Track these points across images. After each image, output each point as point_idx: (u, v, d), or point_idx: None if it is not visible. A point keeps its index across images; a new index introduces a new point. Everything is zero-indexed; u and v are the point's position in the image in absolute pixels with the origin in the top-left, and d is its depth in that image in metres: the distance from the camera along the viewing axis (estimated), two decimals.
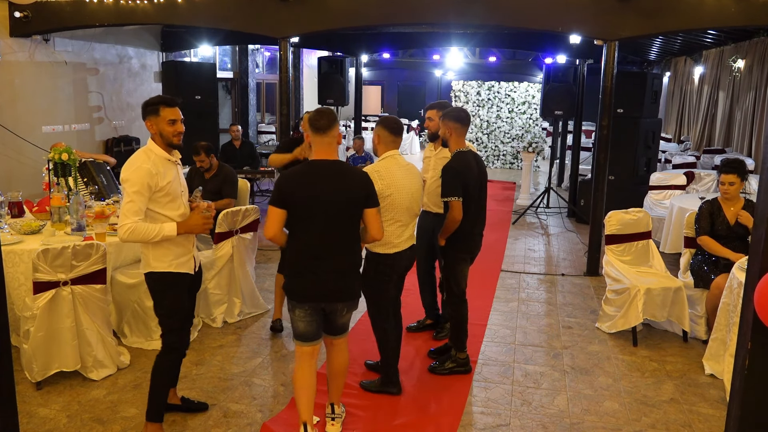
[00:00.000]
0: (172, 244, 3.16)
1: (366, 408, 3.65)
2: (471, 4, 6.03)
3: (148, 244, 3.12)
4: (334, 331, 3.26)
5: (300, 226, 3.01)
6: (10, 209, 4.79)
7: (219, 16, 6.68)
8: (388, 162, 3.54)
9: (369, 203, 3.06)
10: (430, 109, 4.41)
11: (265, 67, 14.28)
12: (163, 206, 3.11)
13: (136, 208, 3.00)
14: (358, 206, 3.04)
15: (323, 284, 3.03)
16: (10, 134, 7.14)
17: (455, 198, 3.76)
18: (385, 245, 3.53)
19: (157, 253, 3.14)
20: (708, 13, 5.44)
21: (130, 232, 2.99)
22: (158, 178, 3.05)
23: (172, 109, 3.13)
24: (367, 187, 3.07)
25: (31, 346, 3.66)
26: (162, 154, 3.12)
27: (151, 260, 3.15)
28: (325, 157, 3.05)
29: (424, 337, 4.70)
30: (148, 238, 3.03)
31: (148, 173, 3.02)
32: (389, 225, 3.49)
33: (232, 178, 5.69)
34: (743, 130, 9.77)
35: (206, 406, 3.62)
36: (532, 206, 9.55)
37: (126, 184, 3.02)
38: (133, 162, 3.07)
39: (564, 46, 9.35)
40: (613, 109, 6.21)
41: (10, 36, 7.18)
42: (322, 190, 2.97)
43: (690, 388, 3.97)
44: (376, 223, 3.10)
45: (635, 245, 5.01)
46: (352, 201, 3.02)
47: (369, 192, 3.07)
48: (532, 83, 14.40)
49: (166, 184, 3.09)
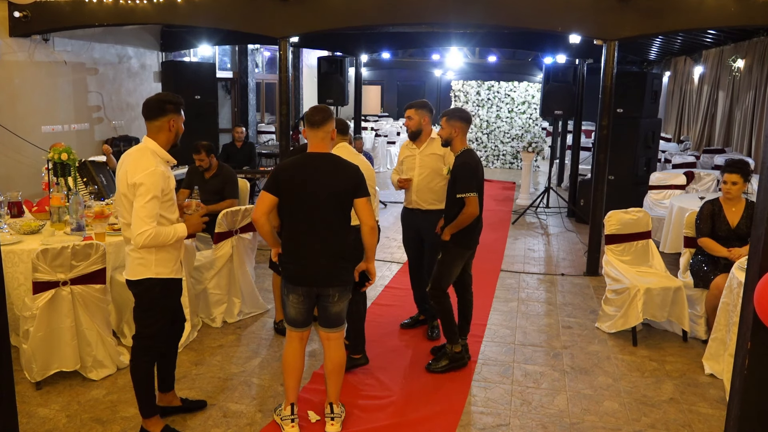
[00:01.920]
0: (173, 248, 3.13)
1: (365, 408, 3.65)
2: (471, 4, 6.03)
3: (152, 249, 3.04)
4: (329, 322, 3.31)
5: (293, 213, 3.18)
6: (10, 209, 4.79)
7: (219, 16, 6.67)
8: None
9: (358, 194, 3.17)
10: (409, 109, 4.43)
11: (265, 67, 14.28)
12: (166, 210, 3.06)
13: (154, 212, 2.93)
14: (347, 196, 3.16)
15: (314, 268, 3.18)
16: (9, 134, 7.14)
17: (472, 194, 3.82)
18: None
19: (161, 258, 3.07)
20: (708, 13, 5.44)
21: (152, 237, 2.91)
22: (170, 182, 3.03)
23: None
24: (357, 179, 3.18)
25: (31, 346, 3.66)
26: (165, 156, 3.09)
27: (154, 266, 3.06)
28: (318, 150, 3.22)
29: (419, 335, 4.70)
30: (166, 241, 2.99)
31: (163, 176, 2.97)
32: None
33: (233, 178, 5.68)
34: (743, 130, 9.77)
35: (204, 404, 3.62)
36: (532, 206, 9.55)
37: (140, 188, 2.90)
38: (144, 165, 2.95)
39: (564, 46, 9.34)
40: (613, 108, 6.21)
41: (9, 36, 7.17)
42: (314, 180, 3.14)
43: (690, 388, 3.97)
44: (366, 211, 3.18)
45: (635, 245, 5.01)
46: (342, 191, 3.15)
47: (358, 183, 3.18)
48: (531, 83, 14.40)
49: (172, 188, 3.08)
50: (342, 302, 3.30)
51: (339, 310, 3.31)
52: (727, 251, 4.47)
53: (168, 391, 3.52)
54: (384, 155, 14.07)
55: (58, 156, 4.85)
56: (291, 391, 3.36)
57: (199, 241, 5.19)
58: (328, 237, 3.18)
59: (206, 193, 5.44)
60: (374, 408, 3.65)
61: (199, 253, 4.91)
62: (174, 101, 3.12)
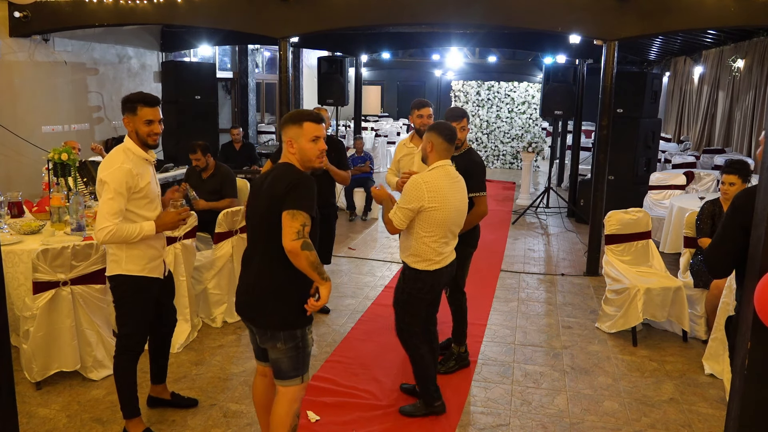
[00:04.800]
0: (147, 246, 3.10)
1: (366, 408, 3.65)
2: (471, 4, 6.03)
3: (122, 245, 3.02)
4: (270, 364, 2.77)
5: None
6: (10, 209, 4.79)
7: (219, 16, 6.68)
8: (437, 172, 3.31)
9: (285, 206, 2.51)
10: (428, 107, 4.40)
11: (265, 67, 14.28)
12: (141, 207, 3.04)
13: (116, 209, 2.90)
14: (274, 215, 2.52)
15: (239, 296, 2.74)
16: (9, 134, 7.14)
17: (483, 193, 3.80)
18: (425, 261, 3.34)
19: (131, 254, 3.06)
20: (708, 13, 5.44)
21: (111, 234, 2.89)
22: (138, 179, 2.98)
23: (151, 108, 3.04)
24: (287, 191, 2.52)
25: (31, 346, 3.66)
26: (140, 153, 3.04)
27: (124, 263, 3.05)
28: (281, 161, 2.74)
29: None
30: (129, 239, 2.96)
31: (129, 173, 2.94)
32: (431, 241, 3.30)
33: (231, 178, 5.68)
34: (743, 130, 9.77)
35: (196, 402, 3.63)
36: (532, 206, 9.55)
37: (105, 185, 2.91)
38: (112, 161, 2.96)
39: (564, 46, 9.35)
40: (613, 109, 6.22)
41: (9, 36, 7.17)
42: (253, 197, 2.72)
43: (690, 388, 3.97)
44: (286, 229, 2.48)
45: (635, 245, 5.01)
46: (270, 208, 2.55)
47: (287, 195, 2.52)
48: (531, 83, 14.40)
49: (145, 185, 3.03)
50: (279, 351, 2.65)
51: (276, 359, 2.68)
52: None
53: (159, 383, 3.57)
54: (384, 155, 14.07)
55: (58, 156, 4.85)
56: (262, 427, 2.99)
57: (199, 241, 5.19)
58: (254, 266, 2.65)
59: (204, 193, 5.44)
60: (374, 408, 3.65)
61: (199, 253, 4.91)
62: (131, 99, 3.04)
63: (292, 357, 2.66)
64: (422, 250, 3.34)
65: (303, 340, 2.67)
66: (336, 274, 6.21)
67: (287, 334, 2.63)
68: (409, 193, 3.27)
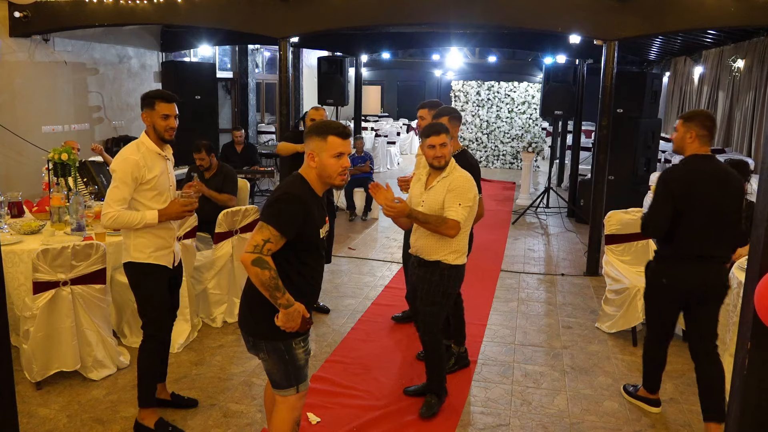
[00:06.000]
0: (154, 236, 3.22)
1: (365, 408, 3.65)
2: (471, 4, 6.03)
3: (129, 234, 3.20)
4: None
5: None
6: (10, 209, 4.79)
7: (219, 16, 6.68)
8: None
9: (261, 215, 2.46)
10: (422, 109, 4.40)
11: (265, 67, 14.28)
12: (149, 199, 3.19)
13: (121, 196, 3.10)
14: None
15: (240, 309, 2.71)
16: (9, 134, 7.14)
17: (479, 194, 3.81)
18: (463, 254, 3.41)
19: (138, 243, 3.20)
20: (708, 13, 5.44)
21: (113, 219, 3.10)
22: (145, 171, 3.14)
23: (168, 104, 3.21)
24: (270, 201, 2.47)
25: (31, 346, 3.66)
26: (153, 148, 3.21)
27: (132, 250, 3.22)
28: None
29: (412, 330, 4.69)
30: (131, 225, 3.13)
31: (135, 165, 3.11)
32: (468, 232, 3.42)
33: (233, 177, 5.70)
34: (743, 130, 9.77)
35: (196, 403, 3.63)
36: (532, 206, 9.55)
37: (114, 174, 3.13)
38: (123, 153, 3.17)
39: (564, 46, 9.34)
40: (613, 109, 6.22)
41: (9, 36, 7.18)
42: None
43: (690, 388, 3.96)
44: (249, 239, 2.40)
45: (635, 245, 5.01)
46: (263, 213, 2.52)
47: (267, 206, 2.46)
48: (531, 83, 14.40)
49: (153, 178, 3.18)
50: (265, 362, 2.61)
51: (267, 369, 2.63)
52: None
53: (158, 383, 3.55)
54: (384, 155, 14.07)
55: (58, 156, 4.85)
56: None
57: (199, 241, 5.19)
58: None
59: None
60: (374, 408, 3.65)
61: (199, 253, 4.91)
62: (149, 96, 3.23)
63: (281, 369, 2.58)
64: (462, 244, 3.40)
65: (288, 353, 2.55)
66: (336, 274, 6.21)
67: (269, 345, 2.55)
68: (469, 189, 3.35)
